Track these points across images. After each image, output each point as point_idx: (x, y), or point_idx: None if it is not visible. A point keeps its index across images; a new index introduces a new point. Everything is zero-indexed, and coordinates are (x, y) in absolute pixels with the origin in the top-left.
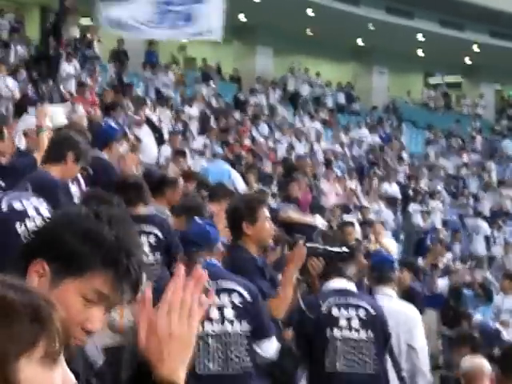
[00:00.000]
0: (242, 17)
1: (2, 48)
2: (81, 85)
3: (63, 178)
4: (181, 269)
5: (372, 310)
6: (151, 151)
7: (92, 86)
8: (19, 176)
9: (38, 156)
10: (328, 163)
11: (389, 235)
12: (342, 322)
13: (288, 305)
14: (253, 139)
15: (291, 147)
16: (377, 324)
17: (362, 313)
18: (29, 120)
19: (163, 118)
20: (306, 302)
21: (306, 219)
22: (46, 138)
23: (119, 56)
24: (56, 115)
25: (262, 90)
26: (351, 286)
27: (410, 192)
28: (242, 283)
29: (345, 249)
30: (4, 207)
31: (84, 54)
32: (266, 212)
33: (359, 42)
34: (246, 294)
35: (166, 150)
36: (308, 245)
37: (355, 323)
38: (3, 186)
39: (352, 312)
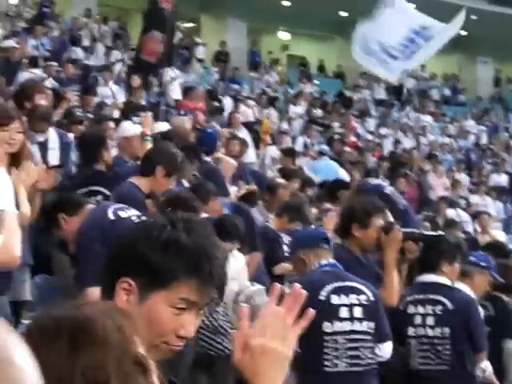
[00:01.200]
0: (343, 13)
1: (105, 55)
2: (187, 89)
3: (153, 192)
4: (277, 287)
5: (450, 305)
6: (251, 153)
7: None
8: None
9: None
10: (435, 156)
11: (498, 226)
12: (417, 320)
13: (397, 289)
14: (358, 135)
15: (398, 142)
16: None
17: (438, 308)
18: (130, 127)
19: (271, 117)
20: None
21: None
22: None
23: (222, 58)
24: (159, 124)
25: (367, 85)
26: (441, 280)
27: None
28: (363, 283)
29: (441, 232)
30: (111, 216)
31: (186, 57)
32: (380, 221)
33: (462, 32)
34: (370, 293)
35: (272, 150)
36: (403, 230)
37: (430, 320)
38: (108, 194)
39: (428, 308)
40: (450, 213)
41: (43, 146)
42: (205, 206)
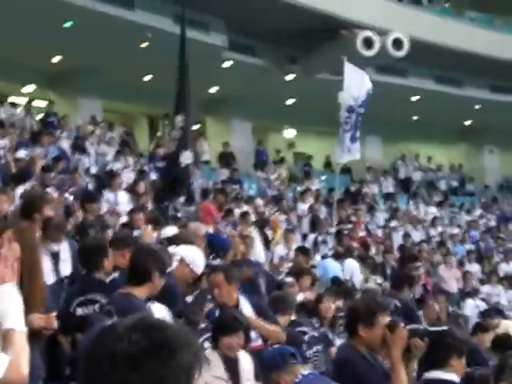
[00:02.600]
0: None
1: (113, 161)
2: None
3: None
4: None
5: None
6: (260, 253)
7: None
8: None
9: None
10: (445, 248)
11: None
12: None
13: None
14: (367, 230)
15: (407, 235)
16: None
17: None
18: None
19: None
20: None
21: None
22: None
23: (227, 158)
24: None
25: (374, 179)
26: (448, 376)
27: None
28: None
29: (445, 327)
30: None
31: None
32: (385, 319)
33: (467, 122)
34: None
35: (280, 249)
36: (408, 327)
37: None
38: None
39: None
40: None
41: (56, 257)
42: None
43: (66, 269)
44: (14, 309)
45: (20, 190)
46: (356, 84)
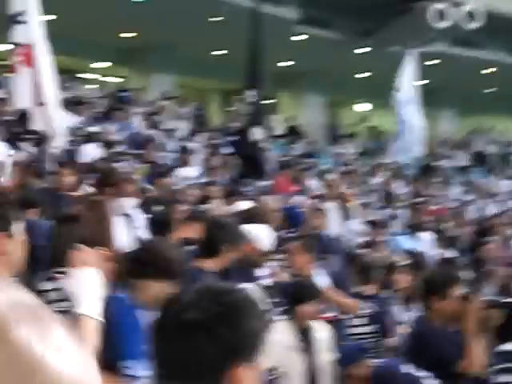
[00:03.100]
0: (421, 82)
1: (185, 137)
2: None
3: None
4: None
5: None
6: (334, 226)
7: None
8: None
9: None
10: None
11: None
12: None
13: (481, 358)
14: (441, 203)
15: (483, 208)
16: None
17: None
18: None
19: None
20: None
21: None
22: None
23: (295, 132)
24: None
25: (448, 153)
26: None
27: None
28: None
29: None
30: None
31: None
32: (458, 291)
33: None
34: None
35: (354, 223)
36: (484, 298)
37: None
38: None
39: None
40: None
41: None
42: None
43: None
44: (89, 295)
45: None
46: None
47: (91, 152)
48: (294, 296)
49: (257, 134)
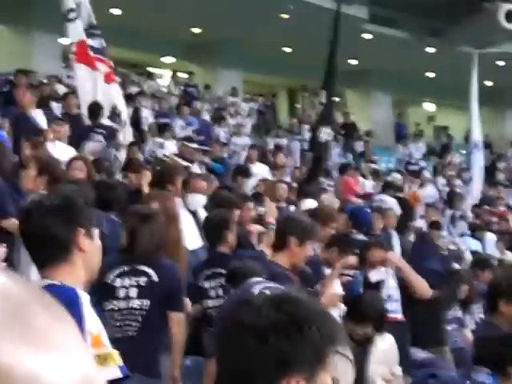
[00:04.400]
0: (488, 82)
1: (252, 134)
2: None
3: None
4: None
5: None
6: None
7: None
8: None
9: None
10: None
11: None
12: None
13: None
14: (508, 205)
15: None
16: None
17: None
18: None
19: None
20: None
21: None
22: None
23: (350, 129)
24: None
25: None
26: None
27: None
28: None
29: None
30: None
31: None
32: None
33: None
34: None
35: (420, 223)
36: None
37: None
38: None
39: None
40: None
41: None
42: None
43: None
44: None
45: None
46: None
47: (160, 146)
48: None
49: (326, 134)
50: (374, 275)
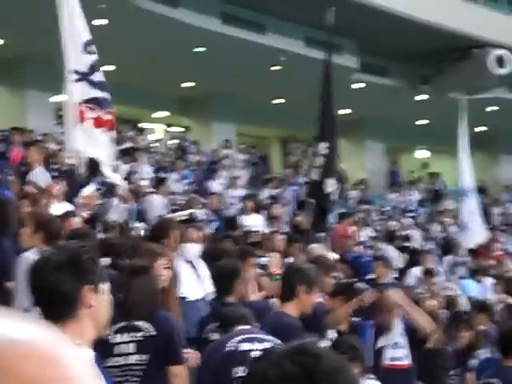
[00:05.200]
0: (482, 128)
1: (248, 185)
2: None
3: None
4: None
5: None
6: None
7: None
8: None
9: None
10: None
11: None
12: None
13: None
14: (503, 249)
15: None
16: None
17: None
18: None
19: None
20: None
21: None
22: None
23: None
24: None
25: (510, 198)
26: None
27: None
28: None
29: None
30: (229, 347)
31: None
32: None
33: None
34: None
35: (417, 270)
36: None
37: None
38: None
39: None
40: None
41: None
42: None
43: (209, 286)
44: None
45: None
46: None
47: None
48: None
49: (330, 186)
50: (382, 341)
